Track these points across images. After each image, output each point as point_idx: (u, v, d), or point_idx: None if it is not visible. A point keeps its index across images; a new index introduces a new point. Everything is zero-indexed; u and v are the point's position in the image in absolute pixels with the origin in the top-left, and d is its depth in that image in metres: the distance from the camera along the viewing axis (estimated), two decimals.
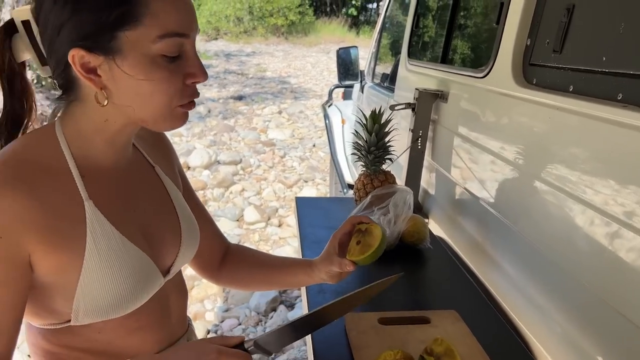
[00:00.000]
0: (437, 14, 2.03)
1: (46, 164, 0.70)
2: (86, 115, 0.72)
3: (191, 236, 0.88)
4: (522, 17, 1.18)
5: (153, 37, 0.65)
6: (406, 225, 1.32)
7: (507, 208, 1.22)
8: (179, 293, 0.89)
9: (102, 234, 0.71)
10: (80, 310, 0.71)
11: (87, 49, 0.65)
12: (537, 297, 1.06)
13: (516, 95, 1.18)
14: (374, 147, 1.49)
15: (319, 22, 20.75)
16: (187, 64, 0.70)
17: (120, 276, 0.72)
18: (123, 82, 0.67)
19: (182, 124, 0.75)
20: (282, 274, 1.01)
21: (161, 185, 0.87)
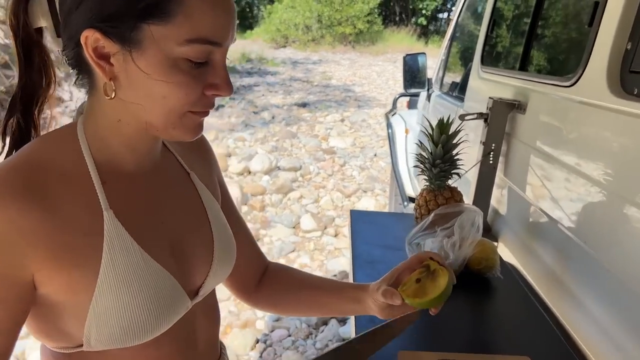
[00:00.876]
0: (516, 17, 1.87)
1: (63, 168, 0.62)
2: (102, 113, 0.64)
3: (226, 253, 0.78)
4: (622, 18, 1.02)
5: (181, 39, 0.57)
6: (473, 251, 1.17)
7: (592, 236, 1.05)
8: (208, 318, 0.79)
9: (120, 249, 0.63)
10: (92, 336, 0.62)
11: (103, 33, 0.57)
12: (628, 344, 0.89)
13: (611, 107, 1.02)
14: (440, 160, 1.35)
15: (387, 31, 20.59)
16: (213, 73, 0.62)
17: (138, 299, 0.63)
18: (136, 78, 0.59)
19: (196, 134, 0.66)
20: (328, 298, 0.89)
21: (196, 194, 0.78)
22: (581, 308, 1.04)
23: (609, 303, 0.97)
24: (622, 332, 0.91)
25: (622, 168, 0.97)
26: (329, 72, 13.50)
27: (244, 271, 0.91)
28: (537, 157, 1.33)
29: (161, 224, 0.70)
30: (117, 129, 0.65)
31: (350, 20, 19.25)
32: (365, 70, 14.03)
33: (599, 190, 1.04)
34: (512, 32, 1.87)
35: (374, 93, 10.65)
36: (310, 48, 18.76)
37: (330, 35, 19.37)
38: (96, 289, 0.61)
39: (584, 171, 1.10)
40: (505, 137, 1.52)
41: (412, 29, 20.80)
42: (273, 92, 10.32)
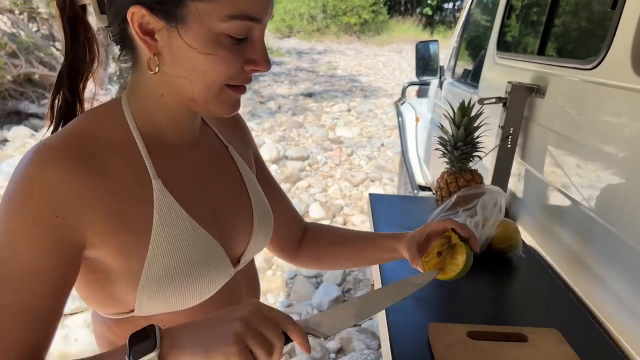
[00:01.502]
0: (534, 2, 1.87)
1: (112, 140, 0.65)
2: (145, 88, 0.67)
3: (264, 223, 0.81)
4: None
5: (223, 15, 0.59)
6: (496, 230, 1.19)
7: (616, 214, 1.07)
8: (250, 285, 0.82)
9: (169, 216, 0.66)
10: (145, 299, 0.65)
11: (149, 9, 0.59)
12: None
13: (636, 88, 1.03)
14: (462, 143, 1.36)
15: (393, 21, 20.48)
16: (252, 49, 0.64)
17: (188, 263, 0.66)
18: (180, 53, 0.61)
19: (233, 111, 0.68)
20: (367, 250, 0.95)
21: (234, 166, 0.81)
22: (605, 287, 1.06)
23: (634, 280, 0.99)
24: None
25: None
26: (335, 62, 13.46)
27: (285, 234, 0.95)
28: (557, 140, 1.34)
29: (203, 194, 0.73)
30: (160, 103, 0.67)
31: (355, 10, 19.15)
32: (371, 61, 13.98)
33: (621, 170, 1.06)
34: (530, 17, 1.88)
35: (380, 83, 10.63)
36: (315, 38, 18.69)
37: (335, 25, 19.28)
38: (148, 254, 0.63)
39: (606, 151, 1.11)
40: (524, 121, 1.54)
41: (418, 19, 20.68)
42: (279, 82, 10.31)
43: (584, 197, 1.19)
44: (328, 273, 3.32)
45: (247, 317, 0.55)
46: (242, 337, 0.53)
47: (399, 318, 0.96)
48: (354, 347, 2.60)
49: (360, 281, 3.28)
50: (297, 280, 3.27)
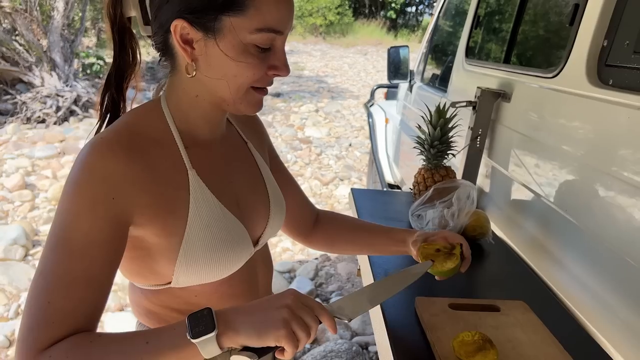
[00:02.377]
0: (500, 13, 2.04)
1: (154, 135, 0.75)
2: (182, 89, 0.77)
3: (278, 209, 0.93)
4: (600, 18, 1.19)
5: (252, 28, 0.70)
6: (469, 220, 1.34)
7: (572, 204, 1.23)
8: (265, 266, 0.93)
9: (203, 201, 0.76)
10: (182, 272, 0.75)
11: (190, 22, 0.70)
12: (604, 294, 1.07)
13: (589, 95, 1.18)
14: (438, 142, 1.51)
15: (358, 23, 20.73)
16: (275, 57, 0.75)
17: (219, 241, 0.77)
18: (214, 60, 0.72)
19: (257, 109, 0.79)
20: (377, 239, 1.07)
21: (253, 160, 0.92)
22: (562, 267, 1.22)
23: (588, 261, 1.15)
24: (599, 285, 1.09)
25: (597, 146, 1.14)
26: (301, 62, 13.56)
27: (298, 217, 1.07)
28: (521, 140, 1.50)
29: (230, 183, 0.84)
30: (195, 103, 0.78)
31: (321, 12, 19.30)
32: (337, 62, 14.16)
33: (576, 166, 1.21)
34: (497, 27, 2.04)
35: (347, 85, 10.81)
36: None
37: (301, 26, 19.36)
38: (185, 234, 0.74)
39: (563, 150, 1.27)
40: (491, 123, 1.69)
41: (382, 22, 21.02)
42: None
43: (545, 191, 1.35)
44: (301, 268, 3.43)
45: (291, 305, 0.67)
46: (288, 321, 0.65)
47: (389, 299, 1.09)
48: (328, 338, 2.73)
49: (332, 276, 3.40)
50: None
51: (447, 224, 1.30)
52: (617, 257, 1.03)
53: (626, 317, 0.98)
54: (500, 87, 1.67)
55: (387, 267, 1.20)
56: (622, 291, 1.02)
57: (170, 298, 0.80)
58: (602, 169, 1.12)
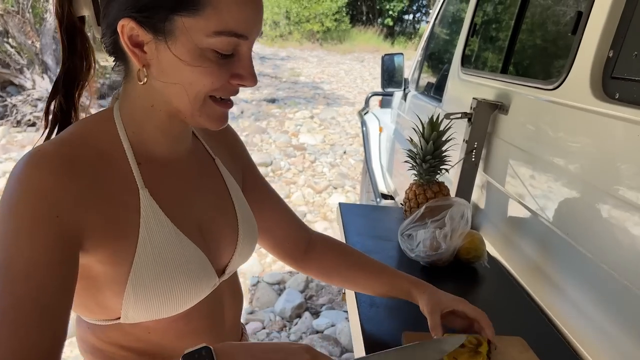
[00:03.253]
0: (498, 22, 1.96)
1: (103, 149, 0.66)
2: (136, 98, 0.68)
3: (249, 234, 0.83)
4: (605, 27, 1.10)
5: (209, 31, 0.61)
6: (463, 241, 1.24)
7: (574, 227, 1.13)
8: (233, 297, 0.83)
9: (156, 225, 0.67)
10: (130, 306, 0.66)
11: (138, 22, 0.61)
12: (608, 325, 0.97)
13: (594, 110, 1.10)
14: (430, 156, 1.42)
15: (355, 30, 20.75)
16: (239, 64, 0.66)
17: (173, 271, 0.67)
18: (167, 65, 0.63)
19: (220, 124, 0.70)
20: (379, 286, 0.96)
21: (220, 178, 0.83)
22: (564, 296, 1.13)
23: (591, 290, 1.05)
24: (602, 314, 1.00)
25: (601, 164, 1.05)
26: (298, 68, 13.51)
27: (286, 240, 0.97)
28: (519, 154, 1.41)
29: (190, 205, 0.74)
30: (150, 114, 0.68)
31: (318, 18, 19.30)
32: (333, 68, 14.11)
33: (577, 185, 1.13)
34: (494, 37, 1.96)
35: (342, 91, 10.74)
36: (277, 44, 18.70)
37: (298, 32, 19.37)
38: (134, 261, 0.64)
39: (564, 167, 1.18)
40: (487, 136, 1.60)
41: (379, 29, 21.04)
42: None
43: (543, 210, 1.26)
44: (291, 280, 3.33)
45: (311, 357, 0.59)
46: None
47: (373, 326, 0.99)
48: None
49: (323, 288, 3.30)
50: (259, 286, 3.26)
51: (439, 246, 1.21)
52: (622, 286, 0.94)
53: (632, 353, 0.89)
54: (497, 99, 1.59)
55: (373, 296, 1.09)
56: (628, 323, 0.92)
57: (120, 335, 0.70)
58: (605, 189, 1.03)
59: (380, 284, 0.96)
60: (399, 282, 0.93)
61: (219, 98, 0.67)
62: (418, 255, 1.24)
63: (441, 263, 1.23)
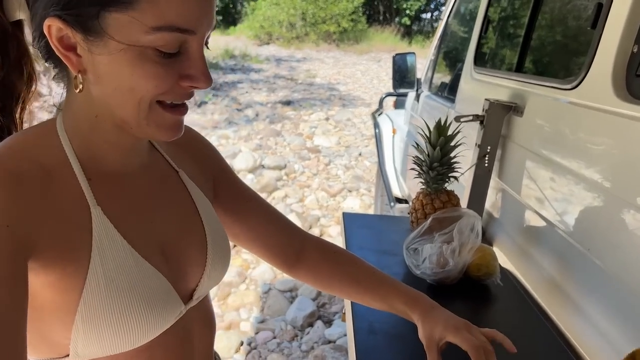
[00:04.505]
0: (512, 18, 1.84)
1: (46, 163, 0.58)
2: (79, 108, 0.60)
3: (220, 254, 0.74)
4: (629, 20, 1.00)
5: (146, 27, 0.53)
6: (473, 257, 1.13)
7: (595, 241, 1.03)
8: (204, 324, 0.75)
9: (109, 247, 0.59)
10: (80, 340, 0.58)
11: (65, 22, 0.53)
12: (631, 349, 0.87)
13: (617, 112, 0.99)
14: (437, 163, 1.31)
15: (371, 30, 20.63)
16: (188, 63, 0.57)
17: (127, 299, 0.59)
18: (103, 70, 0.55)
19: (173, 134, 0.62)
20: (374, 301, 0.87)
21: (186, 193, 0.74)
22: (584, 316, 1.02)
23: (614, 310, 0.95)
24: (627, 340, 0.89)
25: (625, 172, 0.95)
26: (313, 70, 13.45)
27: (273, 248, 0.89)
28: (536, 160, 1.30)
29: (151, 223, 0.66)
30: (95, 125, 0.61)
31: (334, 19, 19.23)
32: (350, 69, 14.01)
33: (601, 195, 1.02)
34: (508, 33, 1.85)
35: (359, 92, 10.64)
36: (294, 45, 18.70)
37: (315, 33, 19.33)
38: (84, 289, 0.57)
39: (585, 175, 1.07)
40: (501, 140, 1.50)
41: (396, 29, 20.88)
42: (257, 89, 10.24)
43: (561, 221, 1.15)
44: (303, 287, 3.25)
45: None
46: None
47: (371, 357, 0.90)
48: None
49: (335, 296, 3.21)
50: (271, 294, 3.19)
51: (446, 262, 1.11)
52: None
53: None
54: (511, 99, 1.48)
55: (372, 319, 1.00)
56: None
57: None
58: (629, 200, 0.92)
59: (374, 300, 0.86)
60: (394, 301, 0.84)
61: (169, 103, 0.59)
62: (424, 273, 1.14)
63: (449, 281, 1.13)
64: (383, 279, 0.87)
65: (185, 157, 0.78)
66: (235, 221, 0.85)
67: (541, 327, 1.05)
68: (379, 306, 0.86)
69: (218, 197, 0.83)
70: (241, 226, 0.85)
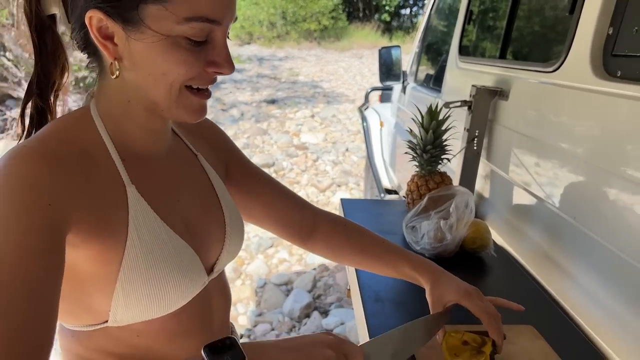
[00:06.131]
0: (494, 8, 1.92)
1: (85, 146, 0.64)
2: (112, 94, 0.66)
3: (236, 230, 0.81)
4: (604, 4, 1.08)
5: (179, 18, 0.59)
6: (468, 231, 1.21)
7: (581, 211, 1.11)
8: (222, 296, 0.81)
9: (144, 222, 0.65)
10: (120, 308, 0.64)
11: (106, 13, 0.59)
12: (619, 308, 0.95)
13: (595, 89, 1.07)
14: (430, 146, 1.39)
15: (352, 27, 20.70)
16: (214, 51, 0.64)
17: (163, 270, 0.65)
18: (139, 56, 0.61)
19: (199, 116, 0.68)
20: (384, 269, 0.95)
21: (204, 175, 0.81)
22: (574, 282, 1.10)
23: (601, 273, 1.03)
24: (615, 300, 0.97)
25: (605, 144, 1.03)
26: (296, 68, 13.48)
27: (287, 224, 0.95)
28: (522, 140, 1.38)
29: (177, 202, 0.72)
30: (128, 110, 0.67)
31: (314, 17, 19.27)
32: (332, 66, 14.07)
33: (582, 168, 1.10)
34: (491, 22, 1.93)
35: (342, 89, 10.70)
36: (275, 44, 18.69)
37: (295, 32, 19.34)
38: (123, 260, 0.62)
39: (569, 150, 1.15)
40: (488, 124, 1.58)
41: (376, 25, 20.98)
42: (241, 89, 10.24)
43: (550, 196, 1.23)
44: (298, 280, 3.31)
45: (334, 346, 0.60)
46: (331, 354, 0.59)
47: (378, 320, 0.97)
48: None
49: (331, 286, 3.28)
50: (266, 288, 3.24)
51: (444, 236, 1.18)
52: (634, 268, 0.91)
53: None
54: (496, 85, 1.56)
55: (378, 289, 1.07)
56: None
57: (108, 340, 0.67)
58: (611, 170, 1.00)
59: (385, 267, 0.94)
60: (402, 266, 0.91)
61: (195, 88, 0.65)
62: (423, 248, 1.21)
63: (447, 254, 1.21)
64: (391, 248, 0.94)
65: (201, 141, 0.84)
66: (249, 200, 0.91)
67: (535, 293, 1.13)
68: (388, 272, 0.93)
69: (231, 177, 0.89)
70: (255, 204, 0.91)
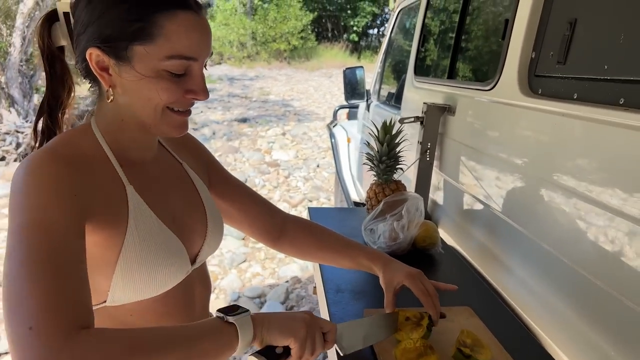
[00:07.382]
0: (443, 33, 2.12)
1: (87, 154, 0.77)
2: (109, 114, 0.80)
3: (216, 228, 0.95)
4: (527, 32, 1.25)
5: (162, 56, 0.73)
6: (418, 231, 1.37)
7: (517, 213, 1.27)
8: (203, 285, 0.94)
9: (141, 216, 0.79)
10: (118, 288, 0.76)
11: (103, 51, 0.73)
12: (548, 295, 1.10)
13: (523, 105, 1.24)
14: (385, 157, 1.55)
15: (321, 47, 21.09)
16: (192, 81, 0.78)
17: (156, 256, 0.79)
18: (129, 85, 0.75)
19: (181, 131, 0.82)
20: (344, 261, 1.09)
21: (189, 179, 0.95)
22: (509, 272, 1.26)
23: (533, 265, 1.18)
24: (543, 287, 1.13)
25: (534, 154, 1.18)
26: (267, 87, 13.65)
27: (258, 226, 1.09)
28: (467, 151, 1.55)
29: (166, 200, 0.86)
30: (122, 127, 0.81)
31: (284, 37, 19.57)
32: (302, 85, 14.29)
33: (520, 175, 1.25)
34: (440, 46, 2.12)
35: (312, 107, 10.91)
36: (246, 64, 18.86)
37: (265, 52, 19.59)
38: (123, 247, 0.76)
39: (505, 159, 1.31)
40: (439, 137, 1.74)
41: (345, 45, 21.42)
42: (212, 108, 10.34)
43: (491, 199, 1.39)
44: (271, 292, 3.40)
45: (310, 320, 0.78)
46: (307, 329, 0.76)
47: (339, 308, 1.10)
48: None
49: (303, 298, 3.38)
50: (240, 301, 3.32)
51: (397, 236, 1.33)
52: (558, 260, 1.07)
53: (570, 318, 1.01)
54: (445, 102, 1.73)
55: (339, 282, 1.21)
56: (564, 291, 1.05)
57: (105, 319, 0.79)
58: (539, 175, 1.16)
59: (344, 260, 1.08)
60: (359, 257, 1.06)
61: (176, 110, 0.79)
62: (380, 247, 1.36)
63: (400, 252, 1.35)
64: (350, 243, 1.10)
65: (185, 153, 0.99)
66: (227, 205, 1.06)
67: (475, 282, 1.29)
68: (348, 265, 1.07)
69: (212, 186, 1.03)
70: (232, 209, 1.06)
